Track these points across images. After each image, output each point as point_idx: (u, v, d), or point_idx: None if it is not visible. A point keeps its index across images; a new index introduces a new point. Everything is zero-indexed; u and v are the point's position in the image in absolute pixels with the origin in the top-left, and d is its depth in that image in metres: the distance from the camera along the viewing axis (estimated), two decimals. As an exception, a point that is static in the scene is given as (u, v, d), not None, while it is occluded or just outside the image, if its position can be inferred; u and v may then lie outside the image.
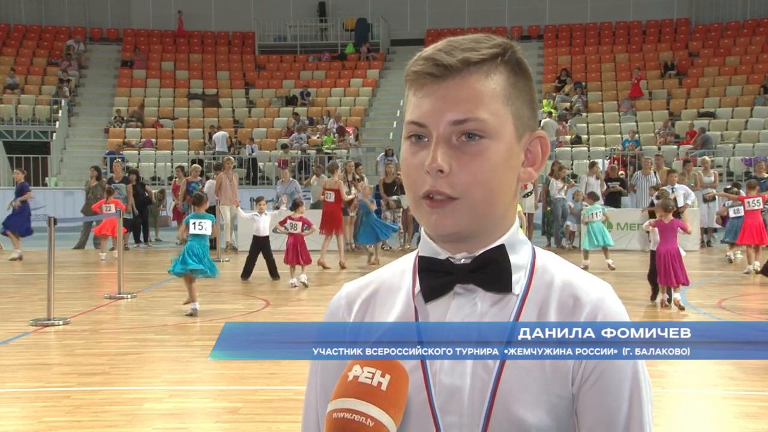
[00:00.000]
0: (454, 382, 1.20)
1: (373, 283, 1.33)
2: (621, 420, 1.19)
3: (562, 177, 17.43)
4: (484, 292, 1.23)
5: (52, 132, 25.75)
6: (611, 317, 1.20)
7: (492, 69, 1.22)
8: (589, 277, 1.26)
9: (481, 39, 1.24)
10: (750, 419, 5.59)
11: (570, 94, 26.56)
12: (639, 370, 1.22)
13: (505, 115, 1.22)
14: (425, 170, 1.19)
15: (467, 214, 1.20)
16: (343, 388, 1.14)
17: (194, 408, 5.89)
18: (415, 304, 1.27)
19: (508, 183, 1.23)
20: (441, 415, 1.20)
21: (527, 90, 1.26)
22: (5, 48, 29.14)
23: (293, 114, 26.30)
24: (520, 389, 1.18)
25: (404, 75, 1.26)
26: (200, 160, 22.86)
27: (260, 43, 30.37)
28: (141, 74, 28.75)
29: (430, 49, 1.23)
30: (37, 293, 10.81)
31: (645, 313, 9.62)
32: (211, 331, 8.73)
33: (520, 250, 1.26)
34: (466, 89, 1.20)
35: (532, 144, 1.28)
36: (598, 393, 1.19)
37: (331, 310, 1.35)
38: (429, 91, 1.21)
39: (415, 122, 1.22)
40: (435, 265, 1.25)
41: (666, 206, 9.94)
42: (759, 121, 24.03)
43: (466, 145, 1.20)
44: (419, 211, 1.23)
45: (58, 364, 7.36)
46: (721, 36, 28.26)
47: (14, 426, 5.58)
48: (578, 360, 1.19)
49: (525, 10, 29.73)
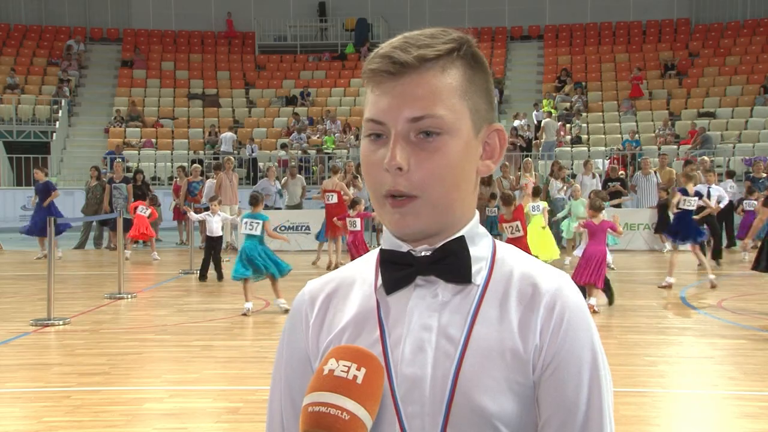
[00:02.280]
0: (415, 372, 1.21)
1: (337, 278, 1.35)
2: (580, 407, 1.21)
3: (562, 177, 17.44)
4: (445, 284, 1.25)
5: (52, 132, 25.75)
6: (569, 306, 1.22)
7: (448, 64, 1.23)
8: (547, 267, 1.28)
9: (436, 34, 1.24)
10: (750, 419, 5.59)
11: (570, 94, 26.57)
12: (599, 357, 1.24)
13: (462, 110, 1.23)
14: (384, 168, 1.20)
15: (428, 213, 1.22)
16: (318, 381, 1.14)
17: (194, 408, 5.89)
18: (376, 297, 1.28)
19: (467, 177, 1.25)
20: (402, 405, 1.21)
21: (483, 83, 1.27)
22: (5, 48, 29.15)
23: (293, 114, 26.31)
24: (481, 377, 1.20)
25: (362, 73, 1.27)
26: (200, 160, 22.86)
27: (260, 43, 30.38)
28: (141, 74, 28.76)
29: (387, 47, 1.24)
30: (37, 293, 10.81)
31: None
32: (211, 331, 8.73)
33: (479, 242, 1.28)
34: (423, 86, 1.21)
35: (489, 137, 1.29)
36: (558, 381, 1.20)
37: (295, 307, 1.36)
38: (386, 89, 1.22)
39: (373, 120, 1.23)
40: (396, 258, 1.26)
41: (594, 206, 9.77)
42: (759, 121, 24.03)
43: (424, 141, 1.20)
44: (382, 210, 1.24)
45: (58, 364, 7.36)
46: (721, 36, 28.26)
47: (14, 426, 5.58)
48: (538, 348, 1.21)
49: (525, 10, 29.73)
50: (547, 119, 23.73)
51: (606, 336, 8.44)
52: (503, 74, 28.24)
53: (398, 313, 1.25)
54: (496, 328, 1.22)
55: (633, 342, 8.07)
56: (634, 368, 7.06)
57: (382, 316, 1.26)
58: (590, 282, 9.33)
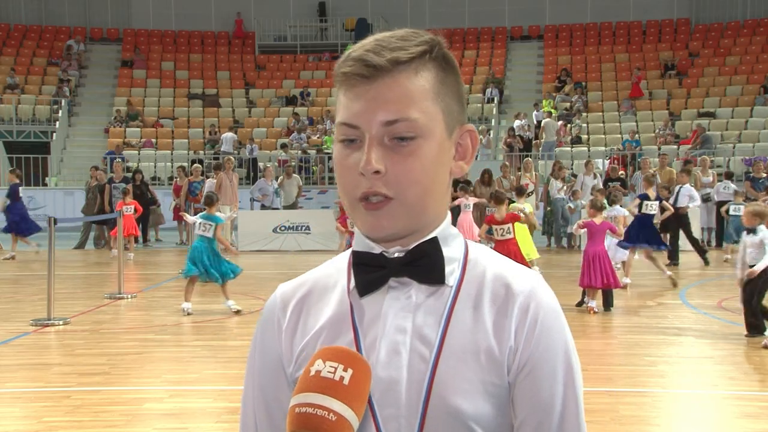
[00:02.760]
0: (390, 374, 1.21)
1: (308, 281, 1.34)
2: (556, 407, 1.21)
3: (562, 177, 17.44)
4: (418, 285, 1.25)
5: (52, 132, 25.75)
6: (543, 306, 1.23)
7: (421, 66, 1.23)
8: (519, 268, 1.28)
9: (408, 36, 1.24)
10: (750, 419, 5.59)
11: (570, 94, 26.56)
12: (572, 358, 1.24)
13: (436, 112, 1.23)
14: (359, 172, 1.20)
15: (403, 215, 1.21)
16: (305, 382, 1.14)
17: (194, 408, 5.89)
18: (350, 299, 1.27)
19: (440, 179, 1.25)
20: (379, 408, 1.21)
21: (455, 85, 1.27)
22: (5, 48, 29.15)
23: (293, 114, 26.31)
24: (456, 379, 1.20)
25: (334, 76, 1.27)
26: (200, 160, 22.86)
27: (260, 43, 30.38)
28: (141, 74, 28.76)
29: (359, 49, 1.23)
30: (37, 293, 10.81)
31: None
32: (211, 331, 8.73)
33: (452, 243, 1.28)
34: (396, 89, 1.20)
35: (462, 138, 1.29)
36: (533, 381, 1.21)
37: (266, 311, 1.34)
38: (359, 92, 1.21)
39: (347, 124, 1.22)
40: (369, 260, 1.26)
41: (596, 206, 9.71)
42: (759, 121, 24.03)
43: (398, 145, 1.20)
44: (355, 213, 1.24)
45: (58, 364, 7.36)
46: (721, 36, 28.27)
47: (14, 426, 5.58)
48: (513, 349, 1.21)
49: (525, 10, 29.73)
50: (547, 119, 23.73)
51: (606, 336, 8.44)
52: (503, 74, 28.24)
53: (372, 316, 1.25)
54: (470, 329, 1.22)
55: (633, 342, 8.07)
56: (634, 368, 7.06)
57: (356, 319, 1.26)
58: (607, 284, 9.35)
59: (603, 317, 9.32)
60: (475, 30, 30.08)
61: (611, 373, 6.75)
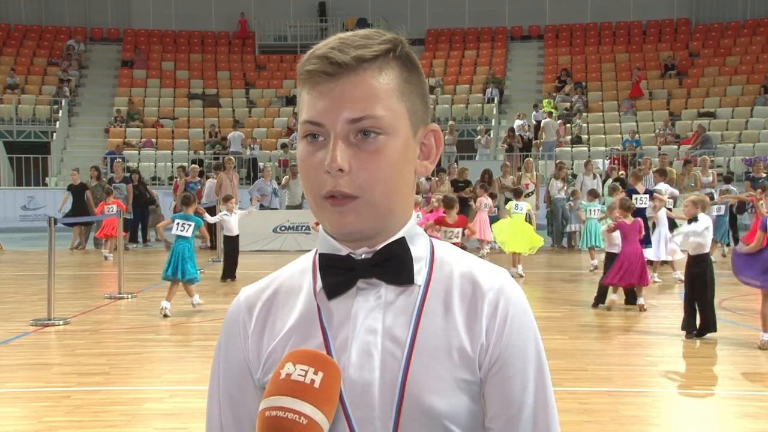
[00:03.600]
0: (363, 376, 1.20)
1: (273, 284, 1.32)
2: (527, 402, 1.22)
3: (562, 177, 17.44)
4: (387, 285, 1.24)
5: (52, 132, 25.75)
6: (512, 302, 1.23)
7: (384, 65, 1.22)
8: (487, 264, 1.28)
9: (371, 35, 1.24)
10: (750, 419, 5.59)
11: (570, 94, 26.56)
12: (542, 353, 1.25)
13: (401, 111, 1.22)
14: (325, 170, 1.19)
15: (368, 212, 1.21)
16: (275, 386, 1.12)
17: (194, 408, 5.89)
18: (317, 302, 1.26)
19: (405, 178, 1.24)
20: (352, 410, 1.20)
21: (419, 84, 1.27)
22: (5, 48, 29.14)
23: (293, 114, 26.31)
24: (429, 377, 1.19)
25: (297, 74, 1.26)
26: (200, 160, 22.86)
27: (260, 43, 30.38)
28: (141, 74, 28.75)
29: (323, 47, 1.22)
30: (37, 293, 10.81)
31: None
32: (211, 331, 8.73)
33: (418, 242, 1.27)
34: (361, 87, 1.20)
35: (426, 137, 1.29)
36: (504, 377, 1.21)
37: (231, 315, 1.32)
38: (324, 90, 1.20)
39: (311, 122, 1.21)
40: (336, 262, 1.25)
41: (624, 205, 9.70)
42: (759, 121, 24.03)
43: (363, 142, 1.19)
44: (321, 211, 1.23)
45: (58, 364, 7.36)
46: (721, 36, 28.26)
47: (14, 426, 5.58)
48: (485, 346, 1.21)
49: (525, 10, 29.72)
50: (547, 119, 23.72)
51: (606, 336, 8.43)
52: (503, 74, 28.24)
53: (341, 318, 1.24)
54: (441, 327, 1.22)
55: (633, 342, 8.08)
56: (634, 368, 7.06)
57: (324, 321, 1.24)
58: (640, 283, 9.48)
59: (603, 317, 9.32)
60: (475, 30, 30.07)
61: (611, 373, 6.75)
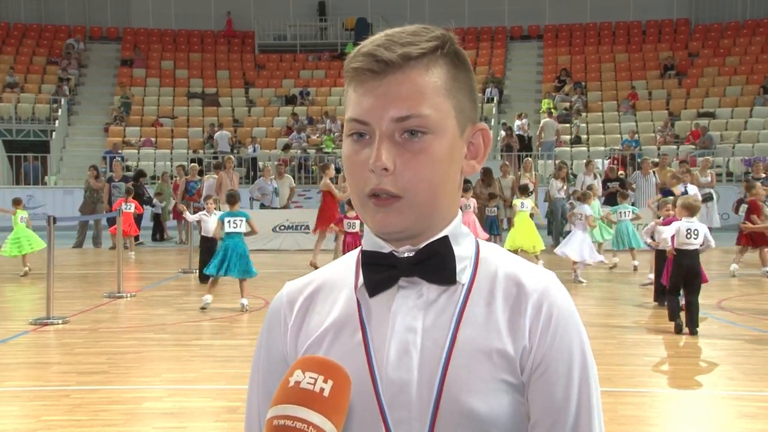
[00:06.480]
0: (401, 375, 1.18)
1: (316, 280, 1.32)
2: (570, 408, 1.19)
3: (562, 177, 17.44)
4: (429, 284, 1.22)
5: (51, 131, 25.73)
6: (557, 306, 1.21)
7: (432, 62, 1.20)
8: (533, 266, 1.26)
9: (419, 32, 1.22)
10: (750, 419, 5.59)
11: (570, 94, 26.56)
12: (587, 357, 1.22)
13: (447, 109, 1.21)
14: (369, 168, 1.18)
15: (412, 213, 1.19)
16: (283, 394, 1.09)
17: (193, 407, 5.89)
18: (357, 297, 1.25)
19: (451, 178, 1.23)
20: (389, 411, 1.18)
21: (467, 82, 1.25)
22: (5, 47, 29.13)
23: (292, 114, 26.30)
24: (469, 379, 1.17)
25: (344, 71, 1.25)
26: (200, 159, 22.86)
27: (260, 42, 30.37)
28: (141, 73, 28.74)
29: (369, 44, 1.21)
30: (36, 292, 10.80)
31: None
32: (211, 330, 8.73)
33: (463, 241, 1.26)
34: (407, 85, 1.18)
35: (474, 137, 1.27)
36: (548, 382, 1.19)
37: (273, 309, 1.32)
38: (370, 88, 1.19)
39: (357, 120, 1.20)
40: (378, 259, 1.23)
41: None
42: (758, 121, 24.03)
43: (409, 142, 1.18)
44: (364, 210, 1.21)
45: (57, 363, 7.35)
46: (721, 36, 28.26)
47: (13, 425, 5.58)
48: (527, 349, 1.19)
49: (525, 10, 29.72)
50: (547, 119, 23.72)
51: (606, 336, 8.43)
52: (503, 74, 28.24)
53: (381, 315, 1.22)
54: (482, 328, 1.20)
55: (633, 342, 8.07)
56: (634, 368, 7.06)
57: (365, 319, 1.23)
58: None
59: (602, 317, 9.31)
60: (474, 30, 30.06)
61: (611, 373, 6.74)
